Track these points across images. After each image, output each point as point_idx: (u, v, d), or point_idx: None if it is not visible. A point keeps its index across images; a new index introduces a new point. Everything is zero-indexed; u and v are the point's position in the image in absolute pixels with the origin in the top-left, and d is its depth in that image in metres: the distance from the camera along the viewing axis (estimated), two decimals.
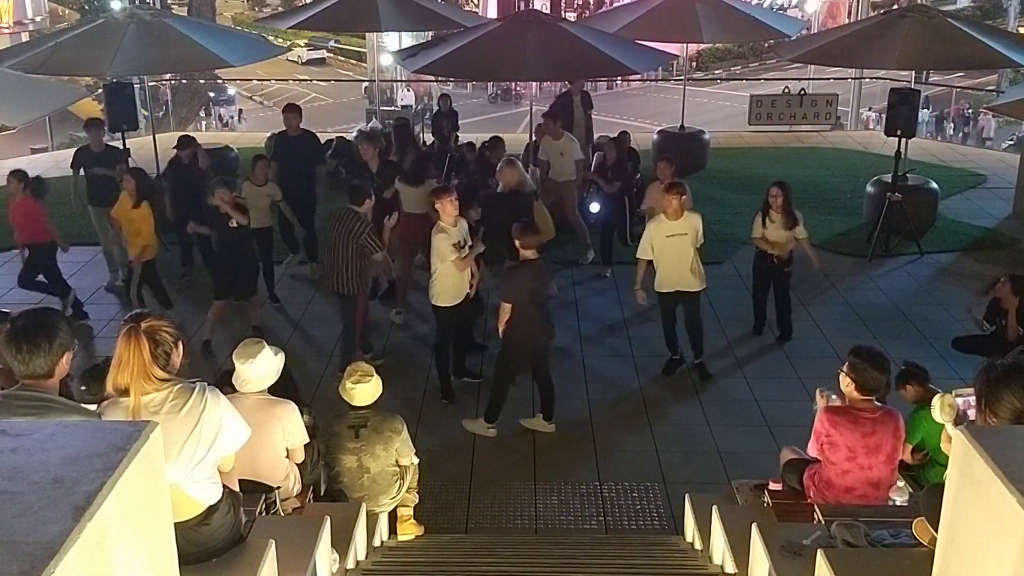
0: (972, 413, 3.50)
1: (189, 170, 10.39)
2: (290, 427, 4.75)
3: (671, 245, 7.77)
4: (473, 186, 10.18)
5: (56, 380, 3.36)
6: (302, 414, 4.91)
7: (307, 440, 4.89)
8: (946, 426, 4.25)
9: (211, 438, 3.35)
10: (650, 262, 8.02)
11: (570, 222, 10.79)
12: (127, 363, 3.25)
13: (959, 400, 3.84)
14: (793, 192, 9.14)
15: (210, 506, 3.44)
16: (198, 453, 3.32)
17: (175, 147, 10.52)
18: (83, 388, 4.42)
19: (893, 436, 4.79)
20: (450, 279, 7.60)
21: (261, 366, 4.69)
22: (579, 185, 11.21)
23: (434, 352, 8.14)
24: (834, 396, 5.20)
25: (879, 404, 4.83)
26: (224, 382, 4.70)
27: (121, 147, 10.96)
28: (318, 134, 15.82)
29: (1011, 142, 19.17)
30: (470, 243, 7.69)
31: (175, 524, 2.59)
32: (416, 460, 5.70)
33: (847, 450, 4.74)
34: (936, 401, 4.26)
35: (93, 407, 3.49)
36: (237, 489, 3.87)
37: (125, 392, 3.27)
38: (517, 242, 7.12)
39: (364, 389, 5.36)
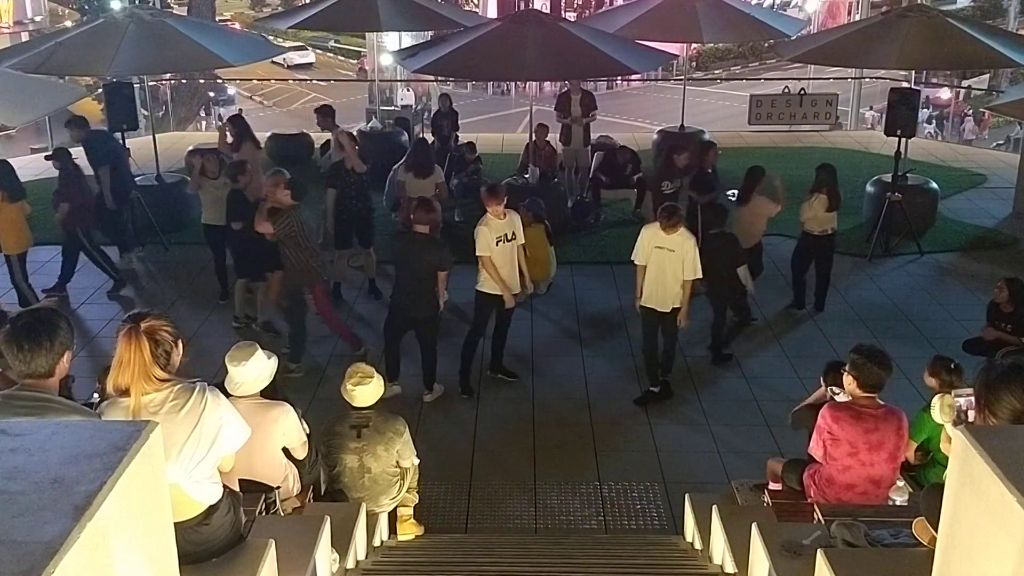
0: (972, 415, 3.51)
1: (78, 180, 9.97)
2: (287, 428, 4.74)
3: (655, 257, 7.56)
4: (474, 186, 10.20)
5: (56, 380, 3.34)
6: None
7: (305, 439, 4.89)
8: (945, 426, 4.26)
9: (211, 438, 3.35)
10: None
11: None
12: (128, 363, 3.25)
13: (960, 400, 3.85)
14: (793, 191, 9.39)
15: (210, 506, 3.44)
16: (198, 453, 3.32)
17: (47, 157, 10.37)
18: (98, 386, 4.40)
19: (896, 434, 4.80)
20: (496, 269, 7.71)
21: (254, 369, 4.66)
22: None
23: (463, 343, 8.11)
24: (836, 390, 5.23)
25: (882, 403, 4.84)
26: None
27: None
28: (318, 134, 15.83)
29: (1000, 143, 19.16)
30: (518, 238, 7.89)
31: (174, 524, 2.59)
32: (416, 461, 5.70)
33: (849, 446, 4.75)
34: (936, 402, 4.26)
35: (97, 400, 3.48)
36: (237, 489, 3.87)
37: (125, 392, 3.27)
38: (412, 216, 7.69)
39: (365, 390, 5.36)
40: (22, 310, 3.57)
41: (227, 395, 4.58)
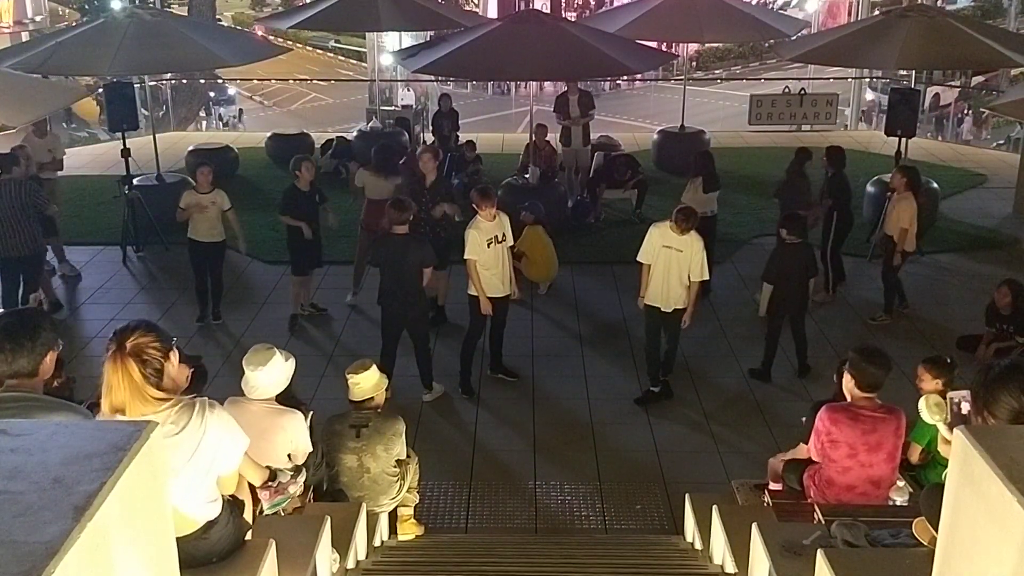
0: (966, 407, 3.50)
1: None
2: (294, 436, 4.70)
3: (663, 256, 7.52)
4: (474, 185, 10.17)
5: (40, 380, 3.32)
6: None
7: (310, 448, 4.87)
8: (939, 426, 4.26)
9: (210, 459, 3.27)
10: None
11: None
12: (117, 387, 3.12)
13: (953, 396, 3.85)
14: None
15: (209, 521, 3.40)
16: (197, 476, 3.25)
17: None
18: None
19: (894, 434, 4.80)
20: (485, 271, 7.71)
21: (272, 374, 4.61)
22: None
23: (462, 344, 8.13)
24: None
25: (880, 403, 4.84)
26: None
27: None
28: (318, 133, 15.84)
29: (1001, 143, 19.14)
30: (508, 239, 7.86)
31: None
32: (415, 456, 5.73)
33: (848, 447, 4.75)
34: (922, 403, 4.27)
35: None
36: (249, 497, 3.78)
37: (122, 412, 3.16)
38: (388, 217, 7.71)
39: (367, 377, 5.40)
40: (4, 311, 3.55)
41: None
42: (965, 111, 22.68)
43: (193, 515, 3.34)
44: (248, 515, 3.74)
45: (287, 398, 4.90)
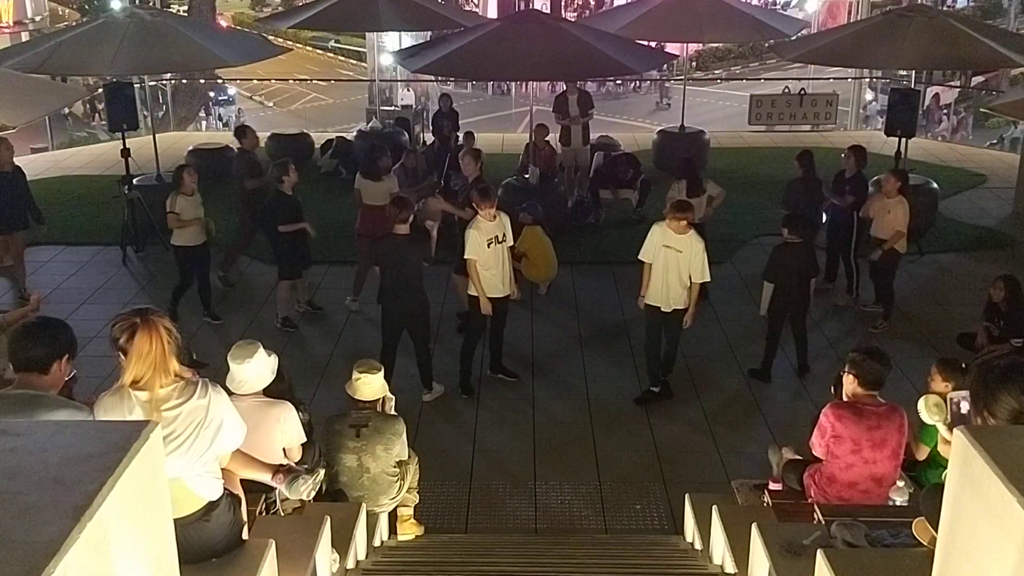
0: (965, 407, 3.51)
1: None
2: (288, 427, 4.74)
3: (662, 256, 7.51)
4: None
5: (51, 381, 3.43)
6: (297, 412, 4.90)
7: (304, 439, 4.89)
8: (938, 427, 4.26)
9: (214, 432, 3.40)
10: None
11: None
12: (148, 355, 3.26)
13: (953, 395, 3.86)
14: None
15: (210, 502, 3.46)
16: (200, 446, 3.35)
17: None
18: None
19: (898, 431, 4.81)
20: (485, 271, 7.69)
21: (256, 367, 4.68)
22: None
23: (462, 344, 8.13)
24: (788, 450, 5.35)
25: (883, 401, 4.85)
26: None
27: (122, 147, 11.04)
28: (318, 134, 15.80)
29: (994, 143, 19.15)
30: (508, 239, 7.83)
31: (176, 520, 2.60)
32: (416, 457, 5.72)
33: (852, 443, 4.76)
34: (921, 403, 4.27)
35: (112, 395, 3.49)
36: (240, 490, 3.88)
37: (140, 386, 3.29)
38: (390, 217, 7.69)
39: (372, 379, 5.40)
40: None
41: (229, 393, 4.60)
42: (945, 112, 22.69)
43: (197, 489, 3.42)
44: (244, 513, 3.80)
45: (289, 399, 4.92)
